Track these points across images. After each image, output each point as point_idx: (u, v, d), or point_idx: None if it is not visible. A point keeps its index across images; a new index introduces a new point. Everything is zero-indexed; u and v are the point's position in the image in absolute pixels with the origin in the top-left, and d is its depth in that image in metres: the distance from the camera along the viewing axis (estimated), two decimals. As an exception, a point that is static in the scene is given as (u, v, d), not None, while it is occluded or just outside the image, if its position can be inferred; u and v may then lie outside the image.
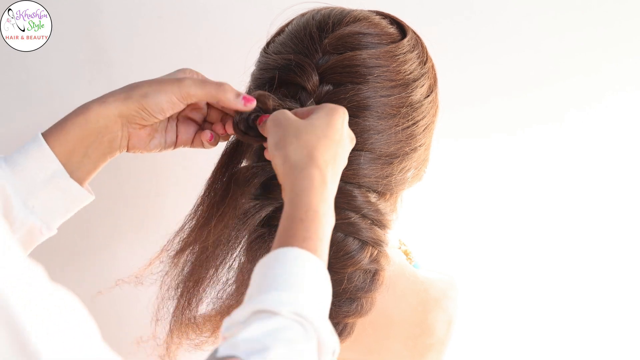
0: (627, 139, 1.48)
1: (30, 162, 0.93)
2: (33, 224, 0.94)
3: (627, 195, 1.50)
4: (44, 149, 0.93)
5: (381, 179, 0.99)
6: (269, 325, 0.75)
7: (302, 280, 0.79)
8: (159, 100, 0.94)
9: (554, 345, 1.55)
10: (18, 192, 0.92)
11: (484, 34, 1.45)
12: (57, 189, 0.95)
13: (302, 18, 1.03)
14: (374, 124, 0.97)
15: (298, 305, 0.77)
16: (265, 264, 0.81)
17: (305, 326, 0.76)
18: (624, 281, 1.53)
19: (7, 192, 0.91)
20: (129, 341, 1.04)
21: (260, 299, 0.77)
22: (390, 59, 0.98)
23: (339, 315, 0.98)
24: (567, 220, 1.51)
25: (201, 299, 1.01)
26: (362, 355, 1.06)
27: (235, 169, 1.00)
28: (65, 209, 0.97)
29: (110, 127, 0.95)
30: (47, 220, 0.95)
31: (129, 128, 0.96)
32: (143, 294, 1.02)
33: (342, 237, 0.98)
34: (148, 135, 0.98)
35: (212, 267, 1.01)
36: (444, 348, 1.07)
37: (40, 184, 0.93)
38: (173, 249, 1.01)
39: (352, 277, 0.98)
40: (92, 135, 0.95)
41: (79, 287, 1.43)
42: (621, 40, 1.44)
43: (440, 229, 1.53)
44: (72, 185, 0.95)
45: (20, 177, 0.93)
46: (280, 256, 0.80)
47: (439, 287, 1.07)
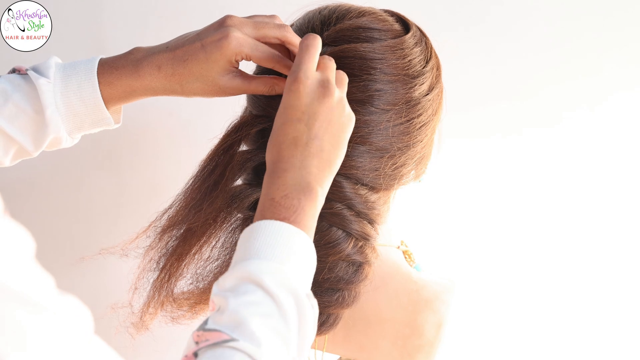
0: (626, 141, 1.48)
1: (83, 109, 1.01)
2: (69, 143, 1.06)
3: (626, 198, 1.50)
4: (98, 102, 1.00)
5: (369, 172, 0.99)
6: (246, 300, 0.78)
7: (287, 250, 0.82)
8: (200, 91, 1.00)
9: (558, 349, 1.55)
10: (67, 131, 1.02)
11: (486, 37, 1.45)
12: (99, 127, 1.05)
13: (309, 13, 1.04)
14: (365, 117, 0.97)
15: (282, 275, 0.80)
16: (251, 232, 0.84)
17: (278, 303, 0.79)
18: (626, 287, 1.52)
19: (61, 133, 1.02)
20: (104, 305, 1.02)
21: (245, 265, 0.80)
22: (391, 53, 0.98)
23: (320, 304, 0.99)
24: (574, 223, 1.50)
25: (182, 274, 1.02)
26: (354, 352, 1.06)
27: (233, 153, 1.01)
28: (95, 131, 1.07)
29: (156, 94, 1.01)
30: (79, 137, 1.07)
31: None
32: (125, 263, 1.02)
33: (327, 227, 0.98)
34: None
35: (196, 245, 1.02)
36: (434, 350, 1.06)
37: (88, 127, 1.04)
38: (160, 225, 1.02)
39: (334, 267, 0.98)
40: (138, 97, 1.02)
41: (64, 254, 1.42)
42: (621, 45, 1.44)
43: (446, 233, 1.53)
44: (112, 125, 1.05)
45: (72, 120, 1.02)
46: (263, 226, 0.84)
47: (432, 289, 1.06)
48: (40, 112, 0.99)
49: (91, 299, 1.45)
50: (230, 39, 0.95)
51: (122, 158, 1.52)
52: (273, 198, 0.85)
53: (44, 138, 1.01)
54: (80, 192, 1.53)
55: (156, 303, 1.01)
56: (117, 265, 1.01)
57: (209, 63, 0.96)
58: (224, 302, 0.79)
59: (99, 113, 1.01)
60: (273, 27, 0.97)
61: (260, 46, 0.96)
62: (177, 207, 1.01)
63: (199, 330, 0.78)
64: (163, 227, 1.01)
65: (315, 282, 0.98)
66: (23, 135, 1.00)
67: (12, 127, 0.99)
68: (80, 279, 1.44)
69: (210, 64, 0.96)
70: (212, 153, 1.01)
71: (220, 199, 0.99)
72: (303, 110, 0.88)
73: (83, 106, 1.00)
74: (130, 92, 1.00)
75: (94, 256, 1.00)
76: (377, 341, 1.04)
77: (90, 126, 1.03)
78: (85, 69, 1.00)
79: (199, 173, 1.01)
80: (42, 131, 1.00)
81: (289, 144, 0.87)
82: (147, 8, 1.46)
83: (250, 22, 0.98)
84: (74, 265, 0.93)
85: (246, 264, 0.81)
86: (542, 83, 1.46)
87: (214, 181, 0.99)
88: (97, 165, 1.51)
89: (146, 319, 1.02)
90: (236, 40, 0.95)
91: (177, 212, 1.01)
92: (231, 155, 1.00)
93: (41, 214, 1.51)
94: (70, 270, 1.35)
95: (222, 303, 0.79)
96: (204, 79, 0.97)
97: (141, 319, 1.02)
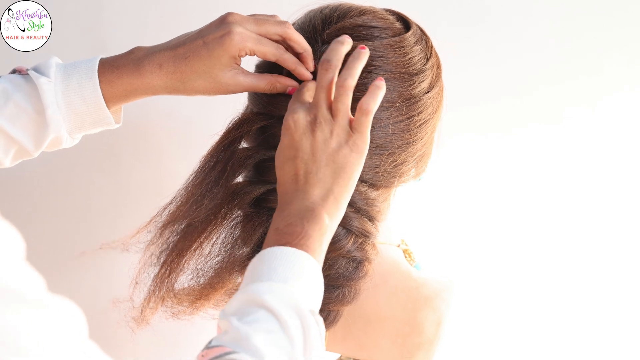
0: (627, 139, 1.48)
1: (84, 108, 1.01)
2: (69, 143, 1.05)
3: (627, 197, 1.49)
4: (99, 100, 1.00)
5: (369, 169, 0.99)
6: (250, 318, 0.79)
7: (289, 270, 0.83)
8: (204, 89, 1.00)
9: (558, 349, 1.54)
10: (68, 130, 1.02)
11: (487, 36, 1.46)
12: (100, 127, 1.04)
13: (310, 12, 1.05)
14: None
15: (283, 292, 0.81)
16: (256, 261, 0.86)
17: (280, 319, 0.79)
18: (626, 286, 1.52)
19: (62, 133, 1.01)
20: (105, 300, 1.02)
21: (247, 289, 0.81)
22: (391, 51, 0.99)
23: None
24: (574, 222, 1.50)
25: (182, 269, 1.02)
26: (353, 351, 1.06)
27: (234, 150, 1.01)
28: (95, 132, 1.07)
29: (158, 93, 1.01)
30: (79, 137, 1.06)
31: None
32: (126, 258, 1.02)
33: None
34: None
35: (197, 241, 1.02)
36: (433, 348, 1.06)
37: (89, 127, 1.03)
38: (161, 220, 1.03)
39: (334, 264, 0.99)
40: (139, 96, 1.02)
41: (64, 253, 1.42)
42: (621, 44, 1.44)
43: (445, 232, 1.53)
44: (113, 125, 1.05)
45: (73, 119, 1.01)
46: (266, 253, 0.85)
47: (432, 287, 1.06)
48: (41, 112, 0.99)
49: (93, 293, 1.46)
50: (232, 35, 0.95)
51: (122, 157, 1.52)
52: (277, 227, 0.87)
53: (45, 138, 1.01)
54: (81, 191, 1.53)
55: (157, 298, 1.02)
56: (118, 260, 1.01)
57: (212, 59, 0.96)
58: (228, 324, 0.80)
59: (100, 112, 1.01)
60: (274, 24, 0.98)
61: (264, 40, 0.97)
62: (178, 203, 1.02)
63: (203, 350, 0.78)
64: (164, 222, 1.02)
65: None
66: (24, 135, 1.00)
67: (13, 127, 1.00)
68: (82, 274, 1.44)
69: (213, 61, 0.96)
70: (213, 149, 1.01)
71: (221, 195, 0.99)
72: (296, 147, 0.90)
73: (84, 105, 1.00)
74: (131, 90, 1.00)
75: (95, 251, 1.00)
76: (376, 339, 1.04)
77: (91, 126, 1.03)
78: (85, 68, 1.00)
79: (200, 169, 1.01)
80: (43, 131, 1.00)
81: (290, 182, 0.90)
82: (147, 8, 1.46)
83: (251, 18, 0.98)
84: (75, 260, 0.94)
85: (248, 288, 0.82)
86: (543, 81, 1.46)
87: (215, 177, 1.00)
88: (97, 164, 1.51)
89: (147, 314, 1.03)
90: (239, 36, 0.96)
91: (178, 208, 1.01)
92: (232, 151, 1.00)
93: (41, 213, 1.51)
94: (71, 266, 1.35)
95: (226, 325, 0.80)
96: (206, 76, 0.97)
97: (142, 313, 1.03)
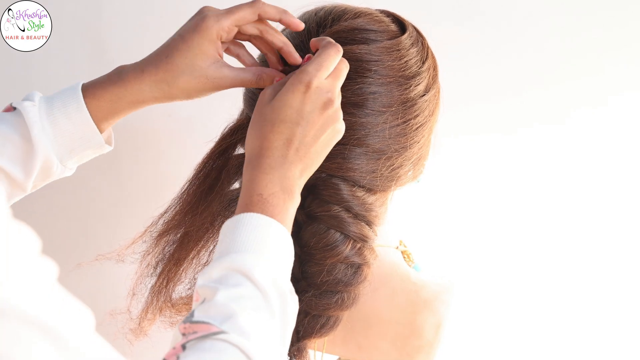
0: (630, 139, 1.47)
1: (70, 126, 0.99)
2: (61, 172, 1.03)
3: (628, 198, 1.49)
4: (84, 116, 0.99)
5: (367, 173, 0.98)
6: (236, 293, 0.79)
7: (276, 247, 0.84)
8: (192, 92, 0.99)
9: (558, 349, 1.54)
10: (57, 155, 1.00)
11: (487, 35, 1.45)
12: (89, 148, 1.02)
13: (305, 14, 1.04)
14: (362, 119, 0.97)
15: (272, 271, 0.82)
16: (237, 224, 0.85)
17: (267, 298, 0.80)
18: (627, 286, 1.51)
19: (51, 158, 0.99)
20: (103, 311, 1.03)
21: (234, 257, 0.81)
22: (387, 55, 0.98)
23: (319, 307, 0.99)
24: (574, 222, 1.50)
25: (180, 279, 1.02)
26: (353, 353, 1.06)
27: (229, 157, 1.01)
28: (87, 158, 1.05)
29: (146, 102, 1.00)
30: (72, 166, 1.04)
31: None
32: (122, 268, 1.01)
33: (325, 229, 0.98)
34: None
35: (194, 250, 1.02)
36: (433, 351, 1.06)
37: (78, 149, 1.01)
38: (156, 230, 1.02)
39: (332, 269, 0.98)
40: (127, 108, 1.00)
41: (62, 258, 1.43)
42: (624, 43, 1.44)
43: (444, 232, 1.52)
44: (104, 146, 1.03)
45: (60, 141, 1.00)
46: (250, 219, 0.85)
47: (431, 290, 1.06)
48: (27, 137, 0.98)
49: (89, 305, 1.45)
50: (207, 19, 0.95)
51: (121, 161, 1.51)
52: (261, 194, 0.86)
53: (34, 163, 0.99)
54: (79, 195, 1.53)
55: (154, 309, 1.02)
56: (114, 270, 1.01)
57: (192, 50, 0.95)
58: (211, 293, 0.79)
59: (87, 129, 0.99)
60: (246, 5, 0.97)
61: (241, 19, 0.96)
62: (173, 212, 1.01)
63: (185, 322, 0.77)
64: (160, 232, 1.02)
65: (314, 285, 0.98)
66: (11, 164, 0.98)
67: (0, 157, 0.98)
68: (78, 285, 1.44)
69: (193, 51, 0.95)
70: (207, 157, 1.01)
71: (216, 202, 0.99)
72: (303, 116, 0.88)
73: (69, 123, 0.98)
74: (116, 101, 0.98)
75: (92, 262, 1.00)
76: (376, 342, 1.04)
77: (81, 148, 1.01)
78: (68, 89, 1.00)
79: (194, 177, 1.01)
80: (30, 155, 0.98)
81: (281, 144, 0.88)
82: (147, 8, 1.45)
83: (225, 8, 0.98)
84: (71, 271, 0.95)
85: (236, 257, 0.81)
86: (543, 81, 1.45)
87: (209, 185, 1.00)
88: (96, 168, 1.51)
89: (144, 325, 1.03)
90: (214, 18, 0.95)
91: (174, 217, 1.01)
92: (226, 158, 1.00)
93: (40, 217, 1.50)
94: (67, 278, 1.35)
95: (208, 294, 0.80)
96: (189, 70, 0.95)
97: (139, 324, 1.03)
